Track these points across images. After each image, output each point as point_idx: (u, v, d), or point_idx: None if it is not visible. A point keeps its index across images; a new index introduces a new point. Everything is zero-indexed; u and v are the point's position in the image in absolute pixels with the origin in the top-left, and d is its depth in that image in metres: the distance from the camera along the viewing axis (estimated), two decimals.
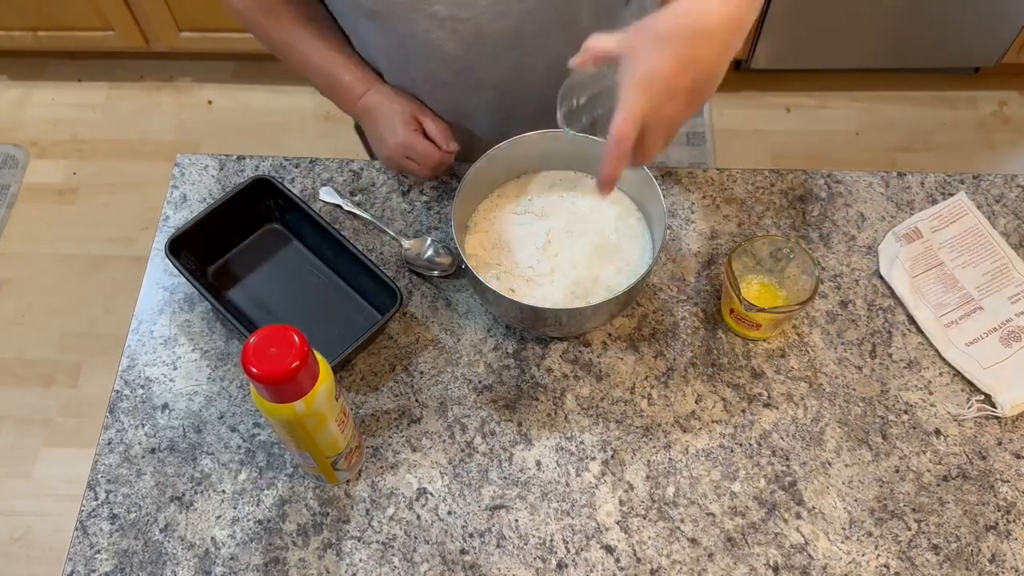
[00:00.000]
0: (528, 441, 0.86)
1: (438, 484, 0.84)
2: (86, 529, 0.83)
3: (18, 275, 2.03)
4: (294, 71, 1.01)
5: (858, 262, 0.97)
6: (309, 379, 0.67)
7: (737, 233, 0.99)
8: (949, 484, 0.84)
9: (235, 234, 0.96)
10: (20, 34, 2.16)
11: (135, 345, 0.92)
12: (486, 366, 0.90)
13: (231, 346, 0.92)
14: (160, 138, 2.23)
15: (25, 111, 2.28)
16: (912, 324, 0.93)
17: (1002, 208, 1.00)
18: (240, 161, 1.04)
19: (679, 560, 0.81)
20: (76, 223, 2.10)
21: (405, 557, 0.81)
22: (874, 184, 1.02)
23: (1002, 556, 0.81)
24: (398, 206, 1.01)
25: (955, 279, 0.94)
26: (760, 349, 0.91)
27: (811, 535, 0.82)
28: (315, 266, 0.96)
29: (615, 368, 0.90)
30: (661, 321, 0.93)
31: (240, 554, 0.81)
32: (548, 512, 0.83)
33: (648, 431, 0.87)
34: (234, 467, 0.85)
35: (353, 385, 0.90)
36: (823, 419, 0.88)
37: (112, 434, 0.87)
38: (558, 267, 0.88)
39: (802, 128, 2.20)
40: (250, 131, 2.23)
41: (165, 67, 2.33)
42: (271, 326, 0.65)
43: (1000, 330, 0.91)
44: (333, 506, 0.84)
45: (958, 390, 0.89)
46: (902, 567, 0.80)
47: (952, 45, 2.07)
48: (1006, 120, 2.21)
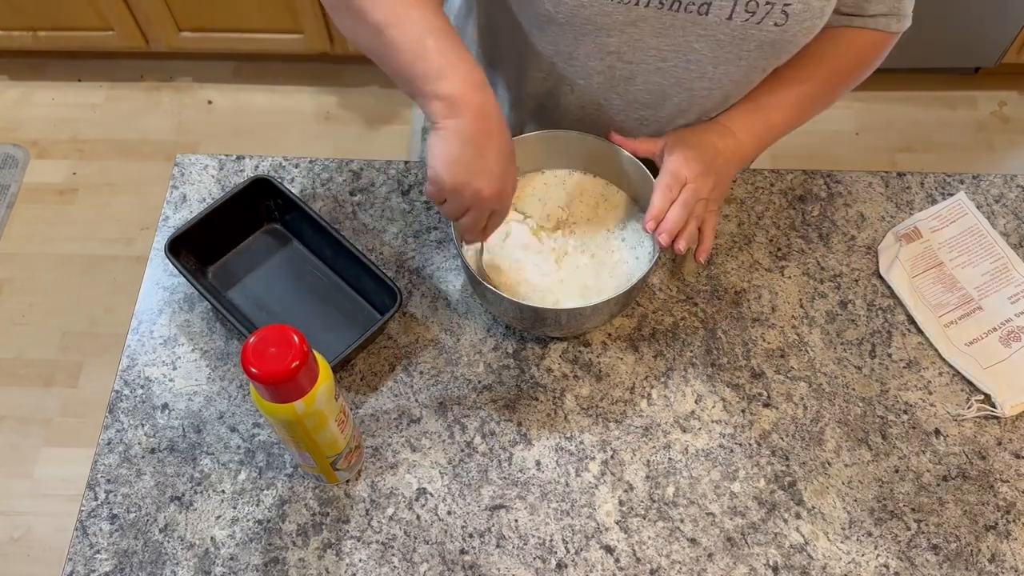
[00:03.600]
0: (528, 441, 0.86)
1: (438, 484, 0.84)
2: (86, 529, 0.83)
3: (18, 275, 2.03)
4: (366, 23, 0.74)
5: (858, 262, 0.97)
6: (309, 379, 0.67)
7: (737, 233, 0.99)
8: (949, 484, 0.84)
9: (235, 234, 0.96)
10: (20, 34, 2.16)
11: (135, 345, 0.92)
12: (486, 366, 0.90)
13: (231, 346, 0.92)
14: (160, 138, 2.24)
15: (25, 111, 2.28)
16: (912, 324, 0.93)
17: (1002, 208, 1.00)
18: (240, 161, 1.04)
19: (679, 560, 0.81)
20: (76, 223, 2.10)
21: (405, 557, 0.81)
22: (874, 184, 1.02)
23: (1002, 556, 0.81)
24: (398, 206, 1.01)
25: (955, 279, 0.94)
26: (760, 349, 0.91)
27: (811, 535, 0.82)
28: (315, 266, 0.96)
29: (615, 368, 0.90)
30: (661, 321, 0.93)
31: (240, 554, 0.81)
32: (548, 512, 0.83)
33: (648, 431, 0.87)
34: (234, 467, 0.85)
35: (353, 385, 0.90)
36: (823, 419, 0.88)
37: (112, 434, 0.87)
38: (558, 267, 0.88)
39: (802, 128, 2.20)
40: (250, 131, 2.23)
41: (165, 67, 2.33)
42: (271, 326, 0.65)
43: (1000, 330, 0.91)
44: (333, 506, 0.84)
45: (958, 390, 0.89)
46: (902, 567, 0.80)
47: (952, 45, 2.07)
48: (1006, 120, 2.21)
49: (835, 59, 0.88)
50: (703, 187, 0.84)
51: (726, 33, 0.77)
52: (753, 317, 0.93)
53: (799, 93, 0.89)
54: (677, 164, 0.84)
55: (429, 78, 0.71)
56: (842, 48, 0.87)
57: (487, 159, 0.72)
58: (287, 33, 2.10)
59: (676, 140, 0.86)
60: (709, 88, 0.84)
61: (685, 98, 0.86)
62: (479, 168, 0.72)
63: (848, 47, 0.87)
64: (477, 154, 0.71)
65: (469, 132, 0.71)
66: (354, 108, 2.24)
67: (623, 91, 0.86)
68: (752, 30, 0.77)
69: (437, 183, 0.73)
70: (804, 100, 0.90)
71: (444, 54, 0.71)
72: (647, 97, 0.87)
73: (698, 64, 0.81)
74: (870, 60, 0.89)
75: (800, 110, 0.90)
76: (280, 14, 2.04)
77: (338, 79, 2.29)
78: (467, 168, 0.71)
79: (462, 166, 0.71)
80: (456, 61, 0.71)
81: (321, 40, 2.10)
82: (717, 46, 0.79)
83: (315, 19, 2.04)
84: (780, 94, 0.88)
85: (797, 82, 0.88)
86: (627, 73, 0.84)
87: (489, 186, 0.72)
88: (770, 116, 0.89)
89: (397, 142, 2.19)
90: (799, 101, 0.89)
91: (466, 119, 0.71)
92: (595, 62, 0.83)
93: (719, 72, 0.82)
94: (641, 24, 0.78)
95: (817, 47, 0.83)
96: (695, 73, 0.82)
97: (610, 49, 0.81)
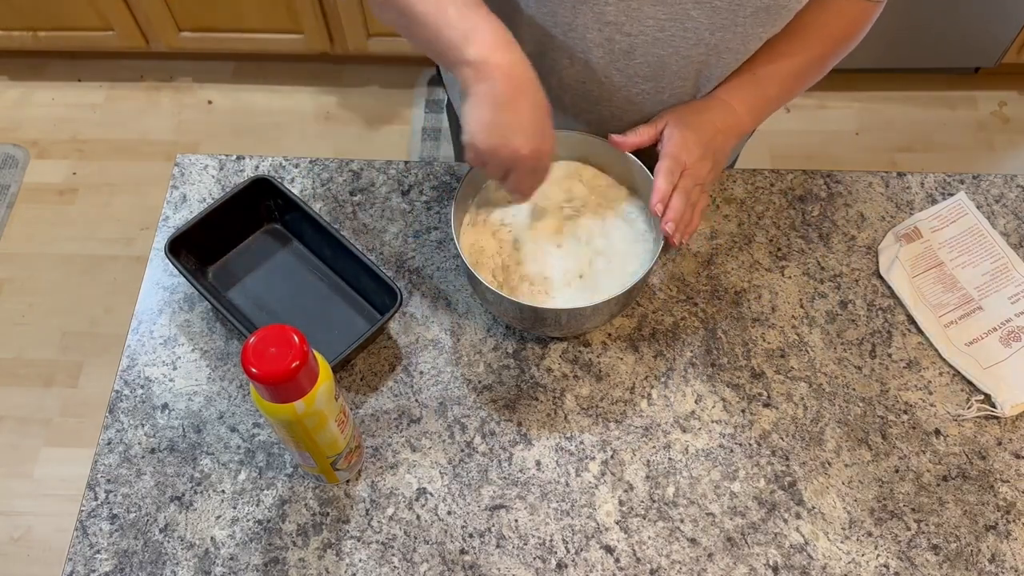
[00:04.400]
0: (528, 441, 0.86)
1: (438, 484, 0.84)
2: (86, 529, 0.83)
3: (18, 275, 2.03)
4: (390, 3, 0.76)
5: (858, 262, 0.97)
6: (309, 379, 0.67)
7: (737, 233, 0.99)
8: (949, 484, 0.84)
9: (235, 234, 0.96)
10: (20, 34, 2.16)
11: (135, 345, 0.92)
12: (486, 366, 0.90)
13: (231, 346, 0.92)
14: (160, 138, 2.24)
15: (25, 111, 2.29)
16: (912, 324, 0.93)
17: (1002, 208, 1.00)
18: (240, 161, 1.04)
19: (679, 560, 0.81)
20: (76, 223, 2.10)
21: (405, 557, 0.81)
22: (874, 184, 1.02)
23: (1002, 556, 0.81)
24: (398, 206, 1.01)
25: (955, 279, 0.94)
26: (760, 349, 0.91)
27: (811, 535, 0.82)
28: (315, 266, 0.96)
29: (615, 368, 0.90)
30: (661, 321, 0.93)
31: (240, 554, 0.81)
32: (548, 512, 0.83)
33: (648, 431, 0.87)
34: (234, 467, 0.86)
35: (353, 385, 0.90)
36: (823, 419, 0.88)
37: (112, 434, 0.87)
38: (558, 266, 0.88)
39: (802, 128, 2.21)
40: (250, 131, 2.23)
41: (165, 67, 2.34)
42: (271, 326, 0.65)
43: (1000, 330, 0.91)
44: (333, 506, 0.84)
45: (958, 390, 0.89)
46: (902, 567, 0.80)
47: (952, 45, 2.07)
48: (1006, 120, 2.21)
49: (826, 28, 0.89)
50: (701, 171, 0.85)
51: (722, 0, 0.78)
52: (753, 317, 0.93)
53: (793, 65, 0.90)
54: (677, 148, 0.85)
55: (455, 46, 0.72)
56: (832, 17, 0.88)
57: (521, 118, 0.73)
58: (287, 33, 2.10)
59: (675, 120, 0.87)
60: (707, 55, 0.85)
61: (683, 66, 0.86)
62: (514, 128, 0.73)
63: (838, 16, 0.88)
64: (511, 114, 0.72)
65: (500, 93, 0.72)
66: (354, 108, 2.24)
67: (623, 65, 0.87)
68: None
69: (474, 148, 0.74)
70: (799, 72, 0.91)
71: (467, 19, 0.72)
72: (646, 70, 0.87)
73: (695, 31, 0.82)
74: (857, 31, 0.91)
75: (795, 81, 0.92)
76: (280, 14, 2.04)
77: (338, 79, 2.29)
78: (502, 130, 0.72)
79: (496, 128, 0.72)
80: (479, 24, 0.72)
81: (321, 40, 2.10)
82: (713, 12, 0.79)
83: (315, 19, 2.04)
84: (776, 65, 0.89)
85: (790, 55, 0.89)
86: (626, 46, 0.84)
87: (526, 144, 0.73)
88: (767, 90, 0.90)
89: (397, 142, 2.19)
90: (794, 73, 0.91)
91: (496, 81, 0.71)
92: (593, 33, 0.83)
93: (716, 39, 0.82)
94: None
95: (809, 17, 0.85)
96: (692, 41, 0.83)
97: (608, 19, 0.81)
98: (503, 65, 0.72)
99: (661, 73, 0.87)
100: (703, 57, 0.85)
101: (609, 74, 0.88)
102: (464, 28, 0.72)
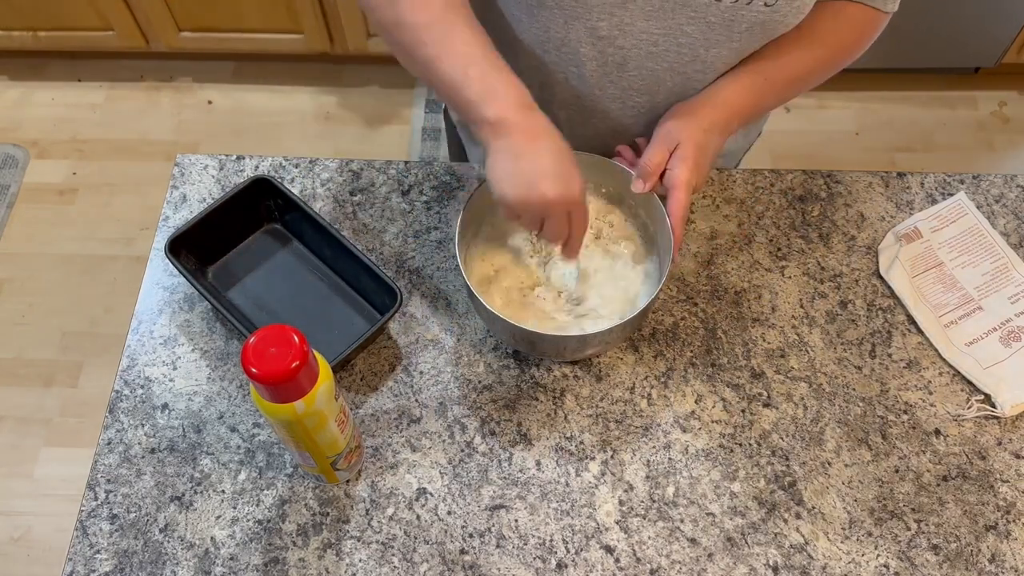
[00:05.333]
0: (528, 441, 0.86)
1: (438, 484, 0.84)
2: (86, 529, 0.83)
3: (18, 275, 2.03)
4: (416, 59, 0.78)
5: (858, 262, 0.97)
6: (309, 379, 0.67)
7: (737, 233, 0.99)
8: (949, 484, 0.84)
9: (235, 234, 0.96)
10: (20, 34, 2.16)
11: (135, 345, 0.92)
12: (486, 366, 0.90)
13: (231, 346, 0.92)
14: (160, 138, 2.24)
15: (25, 111, 2.29)
16: (912, 324, 0.93)
17: (1002, 208, 1.00)
18: (240, 161, 1.04)
19: (679, 560, 0.81)
20: (76, 223, 2.10)
21: (405, 557, 0.81)
22: (874, 184, 1.02)
23: (1002, 556, 0.81)
24: (398, 206, 1.01)
25: (955, 279, 0.94)
26: (760, 349, 0.91)
27: (811, 535, 0.82)
28: (315, 266, 0.96)
29: (615, 368, 0.90)
30: (661, 321, 0.93)
31: (240, 554, 0.81)
32: (548, 512, 0.83)
33: (648, 431, 0.87)
34: (234, 467, 0.86)
35: (353, 385, 0.90)
36: (823, 419, 0.88)
37: (112, 434, 0.87)
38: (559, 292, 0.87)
39: (802, 128, 2.21)
40: (250, 131, 2.23)
41: (165, 67, 2.34)
42: (271, 326, 0.65)
43: (1000, 330, 0.91)
44: (333, 506, 0.84)
45: (958, 390, 0.89)
46: (902, 567, 0.80)
47: (952, 45, 2.07)
48: (1006, 120, 2.21)
49: (835, 35, 0.88)
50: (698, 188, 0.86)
51: (716, 15, 0.78)
52: (753, 317, 0.93)
53: (798, 68, 0.89)
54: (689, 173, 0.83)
55: (475, 105, 0.74)
56: (842, 23, 0.87)
57: (542, 164, 0.73)
58: (287, 33, 2.10)
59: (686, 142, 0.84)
60: (703, 72, 0.85)
61: (679, 83, 0.86)
62: (538, 174, 0.73)
63: (847, 22, 0.88)
64: (531, 162, 0.73)
65: (518, 145, 0.73)
66: (354, 108, 2.24)
67: (616, 78, 0.86)
68: (742, 11, 0.77)
69: (503, 201, 0.75)
70: (804, 74, 0.90)
71: (486, 81, 0.74)
72: (641, 83, 0.87)
73: (690, 48, 0.81)
74: (866, 39, 0.90)
75: (800, 84, 0.91)
76: (280, 14, 2.04)
77: (338, 79, 2.29)
78: (526, 177, 0.73)
79: (520, 177, 0.73)
80: (498, 86, 0.74)
81: (321, 40, 2.10)
82: (708, 28, 0.79)
83: (315, 19, 2.04)
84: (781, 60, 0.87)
85: (797, 58, 0.88)
86: (619, 59, 0.84)
87: (553, 188, 0.73)
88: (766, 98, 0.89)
89: (397, 142, 2.19)
90: (798, 76, 0.90)
91: (514, 136, 0.73)
92: (586, 47, 0.83)
93: (711, 55, 0.82)
94: (630, 6, 0.79)
95: (819, 23, 0.84)
96: (687, 57, 0.83)
97: (601, 34, 0.81)
98: (520, 123, 0.73)
99: (656, 88, 0.87)
100: (699, 75, 0.85)
101: (603, 86, 0.88)
102: (484, 89, 0.74)
